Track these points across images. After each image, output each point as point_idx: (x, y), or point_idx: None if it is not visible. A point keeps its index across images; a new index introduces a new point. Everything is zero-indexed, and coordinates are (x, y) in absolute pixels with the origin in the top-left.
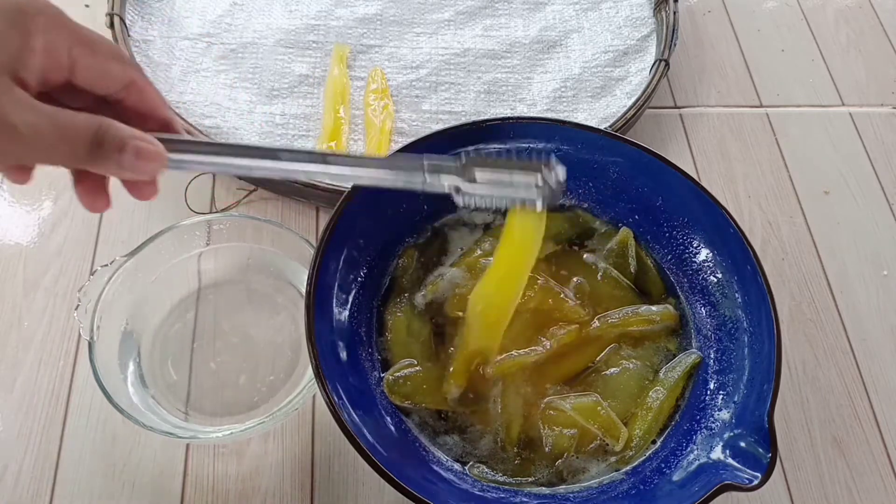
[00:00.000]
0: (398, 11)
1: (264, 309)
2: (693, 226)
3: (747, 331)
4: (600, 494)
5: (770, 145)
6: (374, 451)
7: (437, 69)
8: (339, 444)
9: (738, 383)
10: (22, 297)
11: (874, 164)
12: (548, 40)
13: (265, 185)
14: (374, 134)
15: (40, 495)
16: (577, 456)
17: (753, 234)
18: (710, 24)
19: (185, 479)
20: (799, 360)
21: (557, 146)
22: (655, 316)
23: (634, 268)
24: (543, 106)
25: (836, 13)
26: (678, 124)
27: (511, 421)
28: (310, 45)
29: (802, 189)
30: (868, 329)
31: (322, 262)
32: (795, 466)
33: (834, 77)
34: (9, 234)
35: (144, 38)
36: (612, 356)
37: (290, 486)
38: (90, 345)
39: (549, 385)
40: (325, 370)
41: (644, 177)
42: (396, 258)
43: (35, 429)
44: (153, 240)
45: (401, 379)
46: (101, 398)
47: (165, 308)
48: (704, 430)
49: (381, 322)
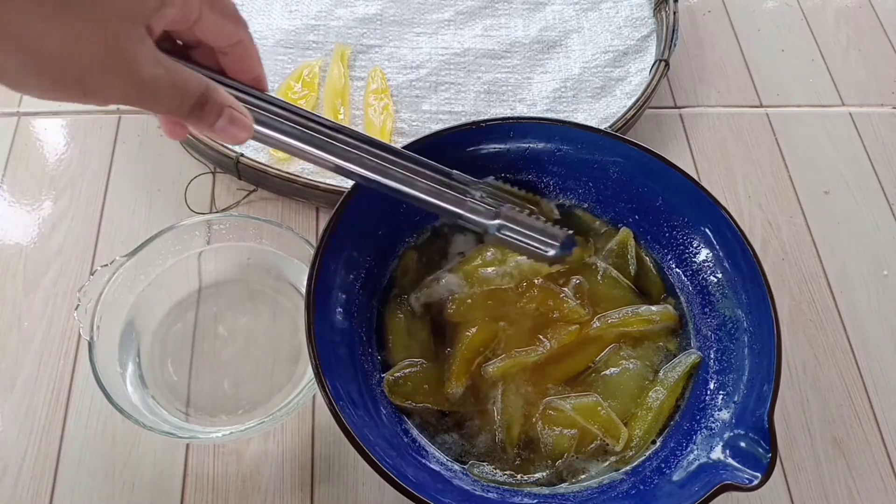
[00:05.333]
0: (398, 11)
1: (264, 309)
2: (693, 226)
3: (747, 331)
4: (600, 494)
5: (770, 145)
6: (374, 451)
7: (437, 69)
8: (339, 444)
9: (738, 383)
10: (22, 297)
11: (874, 164)
12: (548, 40)
13: (265, 186)
14: (374, 134)
15: (40, 495)
16: (577, 456)
17: (753, 234)
18: (710, 24)
19: (185, 479)
20: (799, 360)
21: (557, 146)
22: (655, 316)
23: (634, 268)
24: (543, 106)
25: (836, 13)
26: (678, 124)
27: (511, 422)
28: (310, 45)
29: (802, 189)
30: (868, 329)
31: (322, 262)
32: (795, 466)
33: (834, 77)
34: (9, 234)
35: None
36: (612, 356)
37: (290, 485)
38: (90, 345)
39: (549, 385)
40: (325, 370)
41: (644, 177)
42: (396, 258)
43: (35, 429)
44: (153, 240)
45: (401, 379)
46: (101, 398)
47: (165, 308)
48: (704, 430)
49: (380, 322)
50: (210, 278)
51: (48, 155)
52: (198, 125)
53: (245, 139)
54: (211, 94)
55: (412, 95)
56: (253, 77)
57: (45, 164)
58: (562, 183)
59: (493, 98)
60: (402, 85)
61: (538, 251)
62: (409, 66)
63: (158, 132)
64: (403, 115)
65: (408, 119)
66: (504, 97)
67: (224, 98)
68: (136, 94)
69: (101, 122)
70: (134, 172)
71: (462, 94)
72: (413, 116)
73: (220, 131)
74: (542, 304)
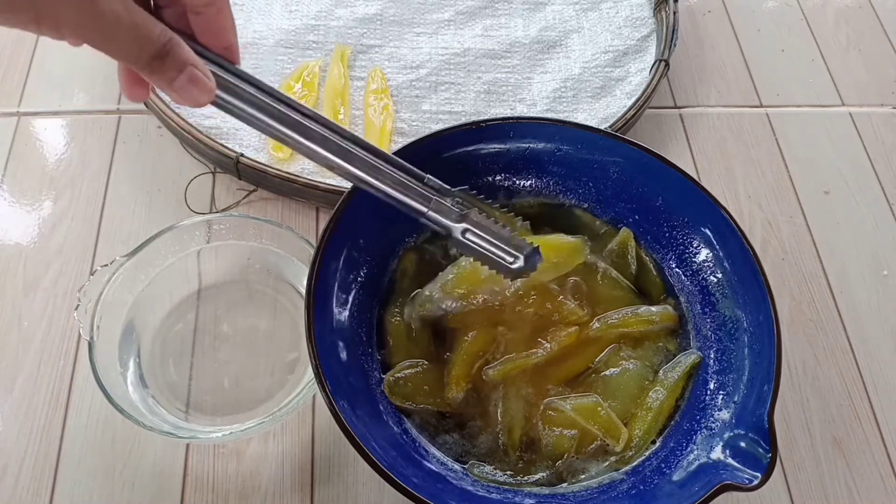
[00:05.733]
0: (398, 11)
1: (264, 309)
2: (693, 226)
3: (747, 331)
4: (600, 494)
5: (770, 145)
6: (373, 451)
7: (437, 69)
8: (339, 444)
9: (738, 383)
10: (22, 297)
11: (874, 164)
12: (548, 40)
13: (265, 186)
14: (374, 134)
15: (40, 495)
16: (578, 457)
17: (753, 234)
18: (710, 24)
19: (185, 479)
20: (799, 360)
21: (557, 146)
22: (655, 316)
23: (635, 268)
24: (543, 106)
25: (836, 13)
26: (678, 124)
27: (513, 424)
28: (310, 45)
29: (802, 189)
30: (868, 329)
31: (322, 262)
32: (795, 466)
33: (834, 77)
34: (9, 234)
35: None
36: (612, 357)
37: (290, 485)
38: (90, 345)
39: (549, 386)
40: (325, 370)
41: (644, 177)
42: (396, 258)
43: (35, 429)
44: (153, 240)
45: (401, 380)
46: (101, 398)
47: (165, 308)
48: (704, 430)
49: (381, 322)
50: (210, 278)
51: (48, 155)
52: (157, 79)
53: (205, 102)
54: (174, 46)
55: (412, 95)
56: (225, 46)
57: (45, 163)
58: (562, 183)
59: (493, 98)
60: (402, 85)
61: (501, 262)
62: (409, 66)
63: (159, 132)
64: (403, 115)
65: (408, 119)
66: (504, 97)
67: (187, 54)
68: (94, 28)
69: (101, 122)
70: (134, 172)
71: (462, 94)
72: (413, 116)
73: (179, 90)
74: (541, 306)
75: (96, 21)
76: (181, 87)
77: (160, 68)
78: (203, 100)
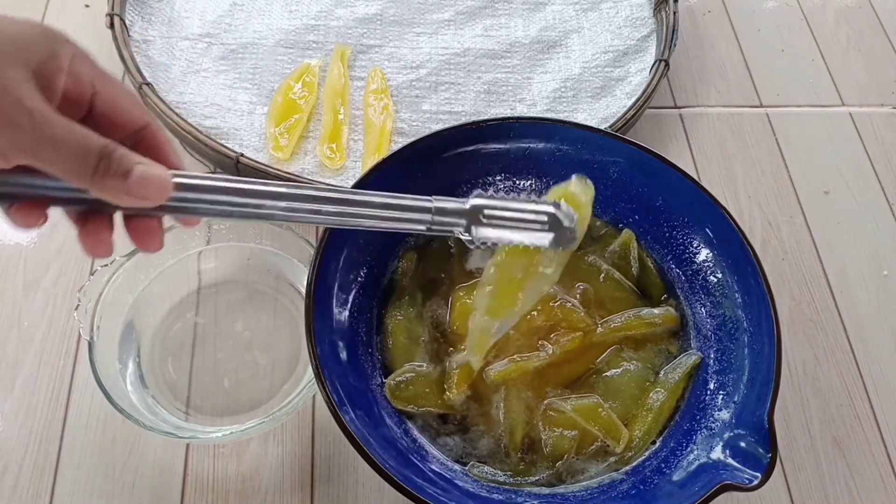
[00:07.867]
0: (398, 11)
1: (264, 309)
2: (693, 226)
3: (747, 331)
4: (600, 494)
5: (770, 145)
6: (373, 452)
7: (437, 69)
8: (339, 444)
9: (738, 383)
10: (22, 297)
11: (874, 164)
12: (548, 40)
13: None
14: (374, 134)
15: (40, 495)
16: (578, 457)
17: (753, 234)
18: (710, 24)
19: (185, 479)
20: (799, 360)
21: (557, 146)
22: (657, 319)
23: (637, 270)
24: (543, 106)
25: (836, 13)
26: (678, 124)
27: (515, 426)
28: (310, 46)
29: (802, 189)
30: (868, 329)
31: (322, 262)
32: (795, 466)
33: (834, 77)
34: (9, 234)
35: (144, 38)
36: (614, 358)
37: (290, 486)
38: (90, 345)
39: (550, 388)
40: (325, 370)
41: (644, 177)
42: (396, 258)
43: (35, 429)
44: None
45: (402, 384)
46: (101, 398)
47: (165, 308)
48: (704, 430)
49: (381, 323)
50: (210, 278)
51: None
52: (108, 189)
53: (161, 197)
54: (115, 149)
55: (412, 95)
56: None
57: None
58: None
59: (493, 98)
60: (402, 85)
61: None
62: (409, 66)
63: None
64: (403, 115)
65: (408, 119)
66: (504, 97)
67: (131, 155)
68: (35, 146)
69: None
70: None
71: (462, 94)
72: (413, 116)
73: (133, 192)
74: (545, 308)
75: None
76: (136, 188)
77: (108, 174)
78: (160, 195)
